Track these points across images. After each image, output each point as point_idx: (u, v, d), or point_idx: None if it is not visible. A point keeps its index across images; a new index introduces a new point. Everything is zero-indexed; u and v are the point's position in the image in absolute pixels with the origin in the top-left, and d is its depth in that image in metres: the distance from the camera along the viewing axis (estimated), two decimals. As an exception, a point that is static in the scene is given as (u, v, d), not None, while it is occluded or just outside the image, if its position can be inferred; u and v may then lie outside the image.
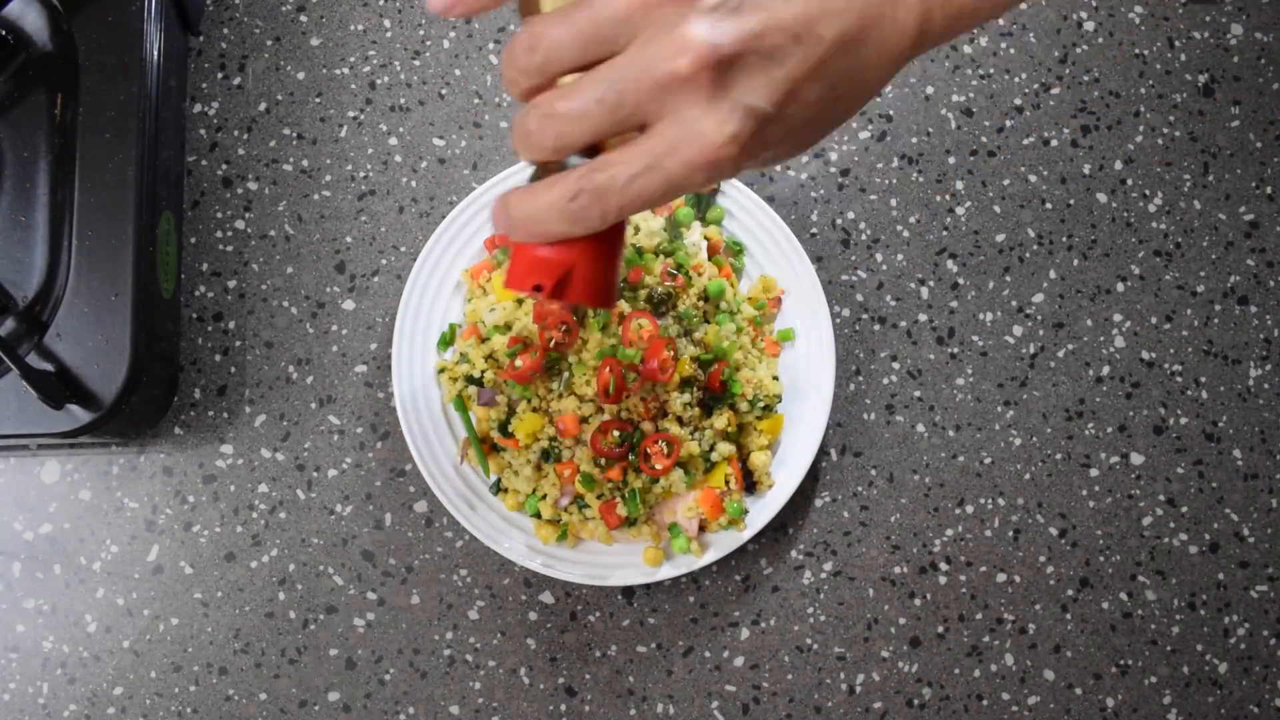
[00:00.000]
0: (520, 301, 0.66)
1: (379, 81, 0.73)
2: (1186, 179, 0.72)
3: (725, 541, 0.66)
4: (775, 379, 0.66)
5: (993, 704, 0.68)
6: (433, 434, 0.67)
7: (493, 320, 0.65)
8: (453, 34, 0.74)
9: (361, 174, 0.72)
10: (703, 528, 0.66)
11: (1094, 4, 0.74)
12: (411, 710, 0.68)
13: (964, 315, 0.71)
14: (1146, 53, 0.74)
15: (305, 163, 0.72)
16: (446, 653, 0.68)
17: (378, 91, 0.73)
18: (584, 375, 0.63)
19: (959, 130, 0.73)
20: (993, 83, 0.73)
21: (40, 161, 0.66)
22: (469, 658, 0.68)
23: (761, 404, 0.65)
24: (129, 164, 0.64)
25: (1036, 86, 0.73)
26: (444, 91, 0.73)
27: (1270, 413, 0.70)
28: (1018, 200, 0.72)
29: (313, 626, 0.68)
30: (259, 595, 0.69)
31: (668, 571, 0.65)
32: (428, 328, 0.68)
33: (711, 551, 0.66)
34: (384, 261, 0.71)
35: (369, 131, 0.73)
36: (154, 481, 0.69)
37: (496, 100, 0.73)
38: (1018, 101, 0.73)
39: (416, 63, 0.73)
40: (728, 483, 0.64)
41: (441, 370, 0.67)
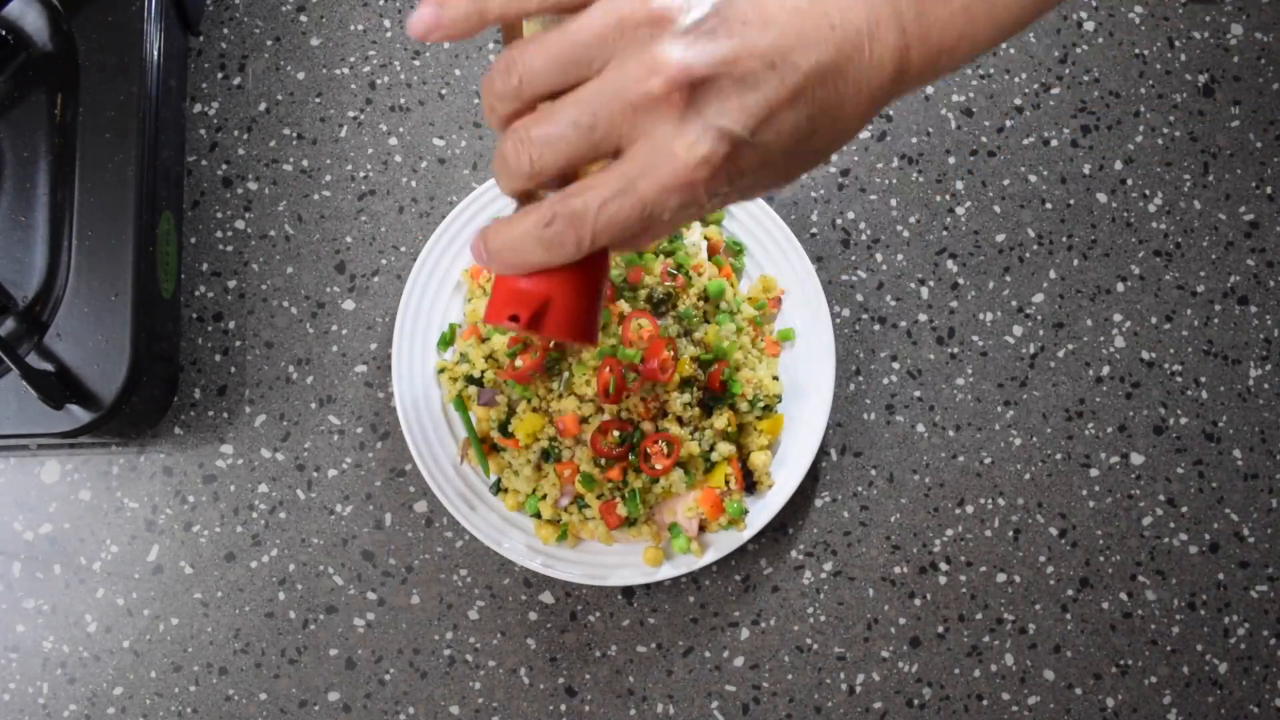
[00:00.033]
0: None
1: (379, 81, 0.73)
2: (1186, 179, 0.72)
3: (725, 541, 0.66)
4: (775, 379, 0.66)
5: (993, 704, 0.68)
6: (433, 434, 0.67)
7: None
8: (453, 34, 0.74)
9: (361, 174, 0.72)
10: (703, 528, 0.66)
11: (1094, 4, 0.74)
12: (411, 710, 0.68)
13: (964, 315, 0.71)
14: (1146, 53, 0.74)
15: (305, 163, 0.72)
16: (446, 653, 0.68)
17: (378, 91, 0.73)
18: (584, 375, 0.63)
19: (959, 130, 0.73)
20: (993, 83, 0.73)
21: (40, 161, 0.66)
22: (469, 658, 0.68)
23: (761, 404, 0.65)
24: (129, 164, 0.64)
25: (1036, 86, 0.73)
26: (444, 91, 0.73)
27: (1270, 413, 0.70)
28: (1018, 200, 0.72)
29: (313, 626, 0.68)
30: (259, 595, 0.69)
31: (668, 571, 0.65)
32: (428, 328, 0.68)
33: (711, 551, 0.66)
34: (384, 261, 0.71)
35: (369, 131, 0.73)
36: (154, 481, 0.69)
37: (496, 100, 0.73)
38: (1018, 101, 0.73)
39: (416, 63, 0.73)
40: (728, 483, 0.65)
41: (441, 370, 0.67)
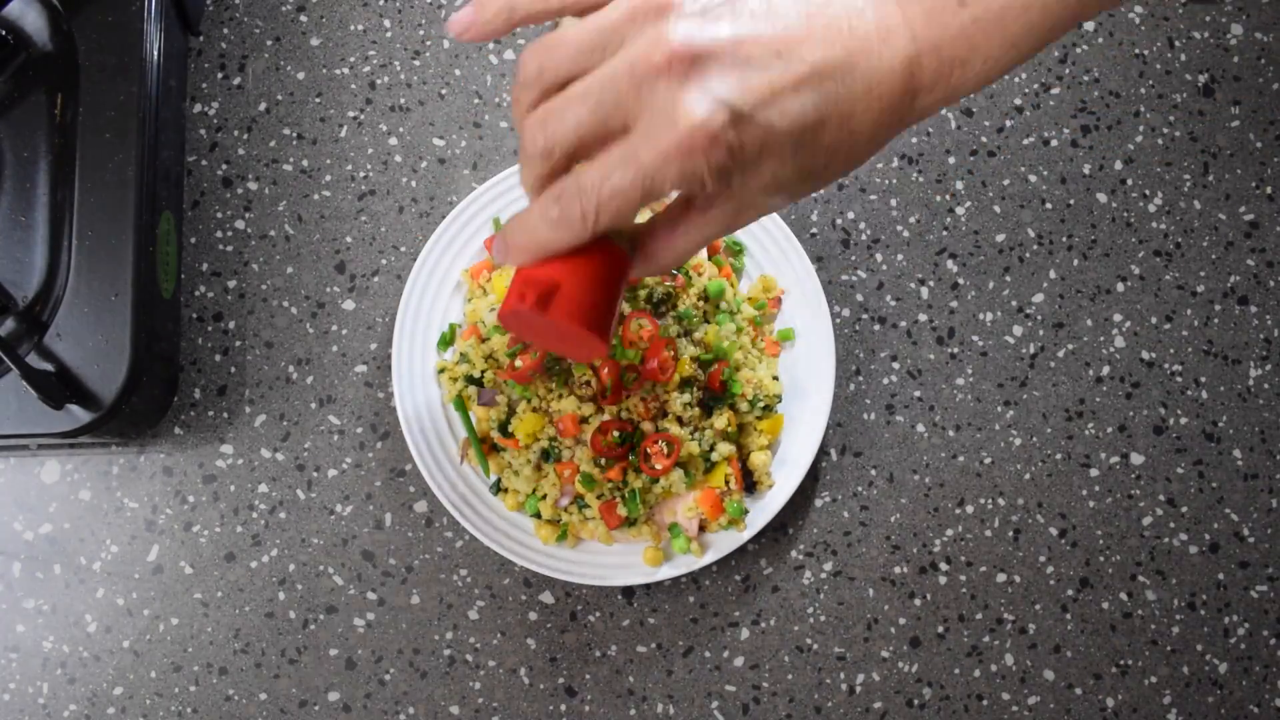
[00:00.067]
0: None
1: (379, 81, 0.73)
2: (1186, 179, 0.72)
3: (725, 541, 0.66)
4: (775, 379, 0.66)
5: (993, 704, 0.68)
6: (433, 434, 0.67)
7: (493, 320, 0.65)
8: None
9: (361, 174, 0.72)
10: (703, 528, 0.66)
11: (1094, 4, 0.74)
12: (411, 710, 0.68)
13: (964, 315, 0.71)
14: (1146, 53, 0.74)
15: (305, 163, 0.72)
16: (446, 653, 0.68)
17: (378, 91, 0.73)
18: (584, 375, 0.63)
19: (959, 130, 0.73)
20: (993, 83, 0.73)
21: (40, 161, 0.66)
22: (469, 658, 0.68)
23: (761, 404, 0.65)
24: (129, 164, 0.64)
25: (1036, 86, 0.73)
26: (444, 91, 0.73)
27: (1270, 413, 0.70)
28: (1018, 200, 0.72)
29: (313, 626, 0.68)
30: (259, 595, 0.69)
31: (668, 571, 0.65)
32: (428, 328, 0.68)
33: (711, 551, 0.66)
34: (384, 261, 0.71)
35: (369, 131, 0.73)
36: (154, 481, 0.69)
37: (496, 100, 0.73)
38: (1018, 101, 0.73)
39: (416, 63, 0.73)
40: (728, 483, 0.64)
41: (441, 370, 0.67)
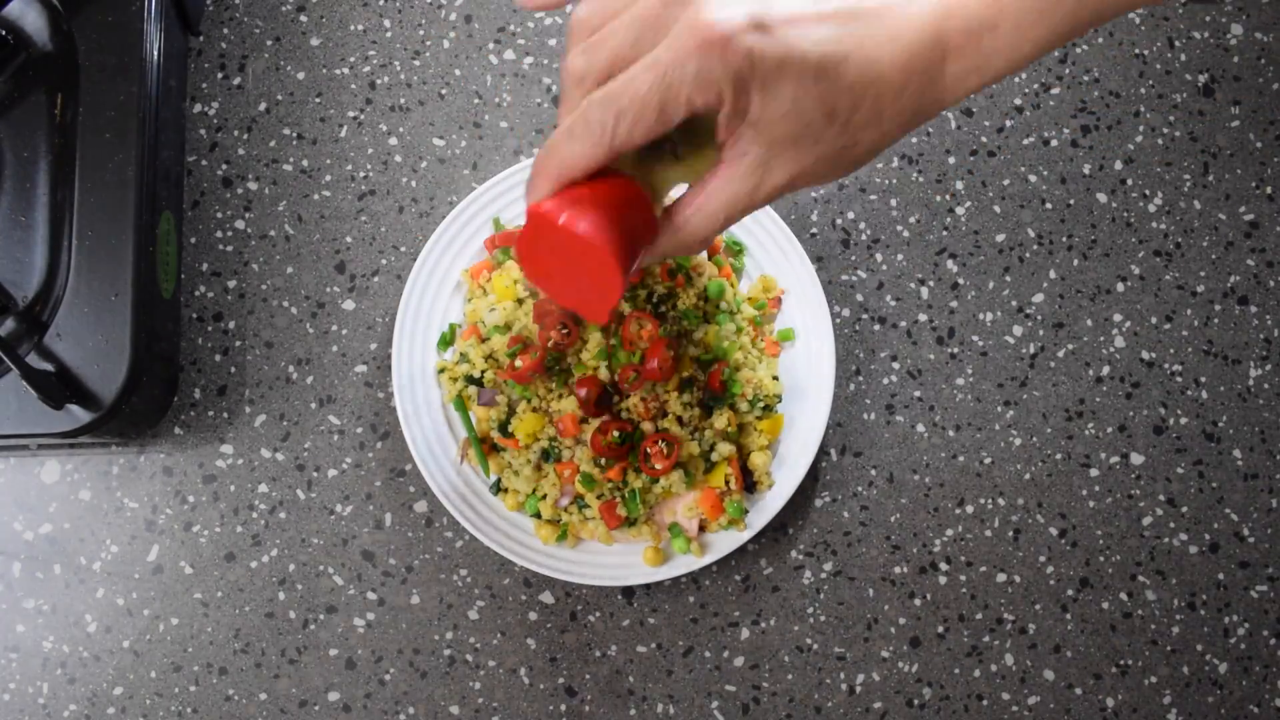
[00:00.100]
0: (520, 301, 0.66)
1: (379, 81, 0.73)
2: (1186, 179, 0.72)
3: (725, 541, 0.66)
4: (775, 379, 0.66)
5: (993, 704, 0.68)
6: (433, 434, 0.67)
7: (493, 320, 0.65)
8: (453, 34, 0.74)
9: (361, 174, 0.72)
10: (703, 528, 0.66)
11: (1094, 4, 0.74)
12: (411, 710, 0.68)
13: (964, 315, 0.71)
14: (1146, 53, 0.73)
15: (305, 163, 0.72)
16: (446, 653, 0.68)
17: (378, 91, 0.73)
18: (584, 375, 0.63)
19: (959, 130, 0.73)
20: (993, 83, 0.73)
21: (40, 161, 0.66)
22: (469, 658, 0.68)
23: (761, 404, 0.65)
24: (129, 164, 0.64)
25: (1036, 86, 0.73)
26: (444, 91, 0.73)
27: (1270, 413, 0.70)
28: (1018, 200, 0.72)
29: (313, 626, 0.68)
30: (259, 595, 0.69)
31: (668, 571, 0.65)
32: (428, 328, 0.68)
33: (711, 551, 0.65)
34: (384, 261, 0.71)
35: (369, 131, 0.73)
36: (154, 481, 0.69)
37: (496, 100, 0.73)
38: (1018, 101, 0.73)
39: (416, 63, 0.73)
40: (728, 483, 0.64)
41: (441, 370, 0.67)
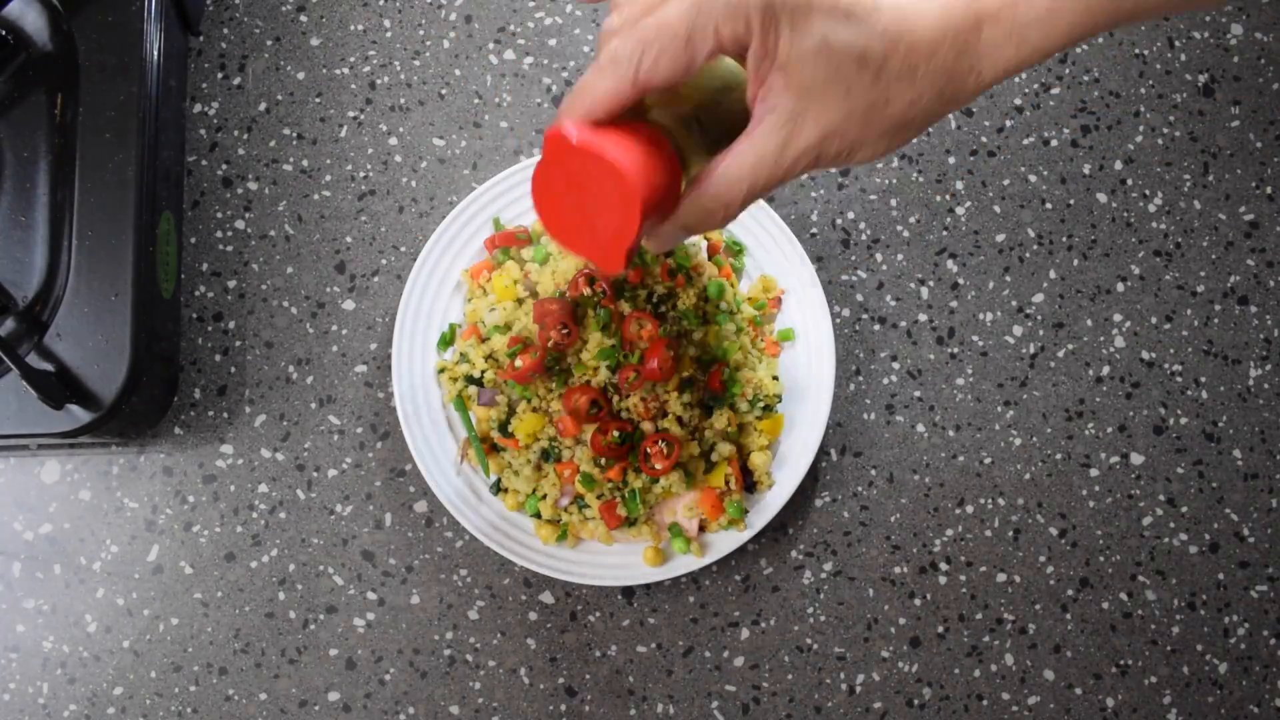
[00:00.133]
0: (520, 301, 0.66)
1: (379, 81, 0.73)
2: (1186, 179, 0.72)
3: (725, 541, 0.66)
4: (775, 379, 0.66)
5: (993, 704, 0.68)
6: (433, 434, 0.67)
7: (493, 320, 0.65)
8: (453, 34, 0.74)
9: (361, 174, 0.72)
10: (703, 528, 0.66)
11: (1094, 4, 0.74)
12: (411, 710, 0.68)
13: (964, 315, 0.71)
14: (1146, 53, 0.73)
15: (305, 163, 0.72)
16: (446, 653, 0.68)
17: (378, 91, 0.73)
18: (584, 375, 0.63)
19: (959, 130, 0.73)
20: (993, 83, 0.73)
21: (40, 161, 0.66)
22: (469, 658, 0.68)
23: (761, 404, 0.65)
24: (129, 164, 0.64)
25: (1036, 86, 0.73)
26: (444, 91, 0.73)
27: (1270, 413, 0.70)
28: (1018, 200, 0.72)
29: (313, 626, 0.68)
30: (259, 595, 0.69)
31: (668, 571, 0.65)
32: (428, 328, 0.68)
33: (711, 551, 0.65)
34: (384, 261, 0.71)
35: (369, 131, 0.73)
36: (154, 481, 0.69)
37: (496, 100, 0.73)
38: (1018, 101, 0.73)
39: (416, 63, 0.73)
40: (728, 483, 0.64)
41: (441, 370, 0.67)
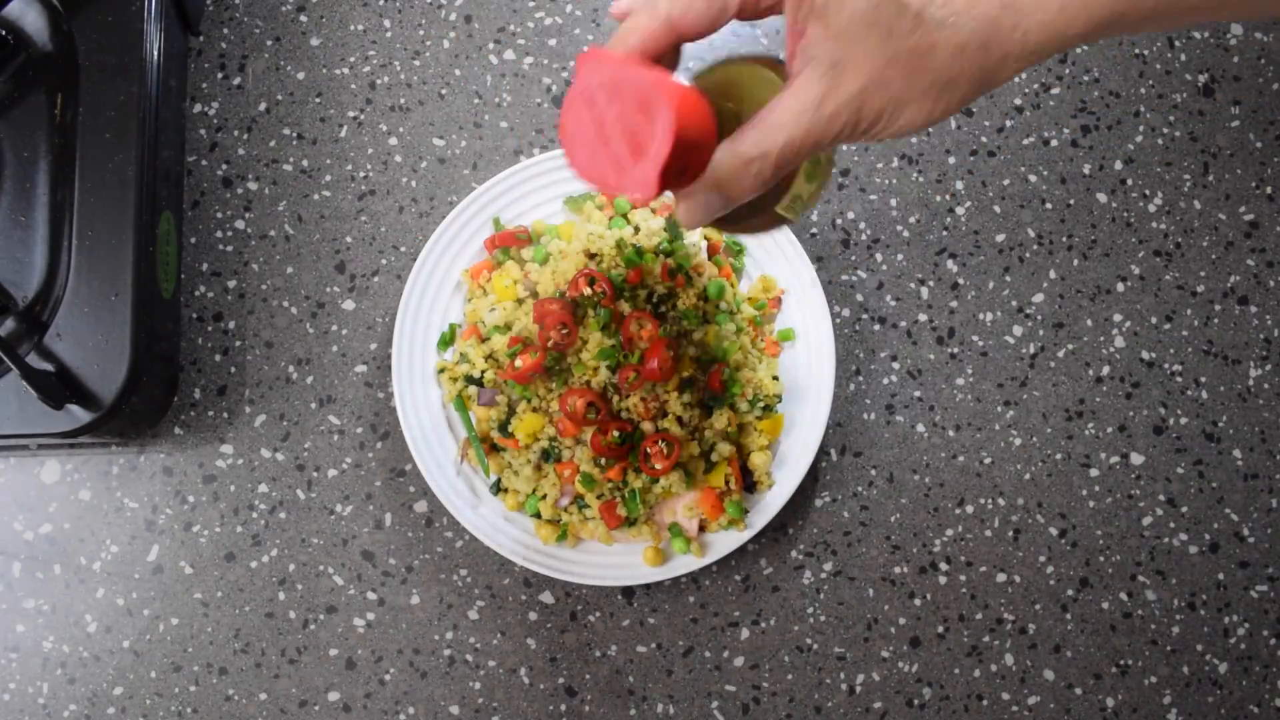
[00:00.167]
0: (520, 301, 0.66)
1: (379, 81, 0.73)
2: (1186, 179, 0.72)
3: (725, 541, 0.66)
4: (775, 379, 0.66)
5: (993, 704, 0.68)
6: (433, 434, 0.67)
7: (493, 320, 0.65)
8: (453, 34, 0.74)
9: (361, 174, 0.72)
10: (703, 528, 0.66)
11: (1094, 4, 0.74)
12: (411, 710, 0.68)
13: (964, 315, 0.71)
14: (1146, 53, 0.73)
15: (305, 163, 0.72)
16: (446, 653, 0.68)
17: (378, 91, 0.73)
18: (584, 375, 0.63)
19: (959, 130, 0.73)
20: (993, 83, 0.73)
21: (40, 161, 0.66)
22: (469, 658, 0.68)
23: (761, 404, 0.65)
24: (129, 164, 0.64)
25: (1036, 86, 0.73)
26: (444, 91, 0.73)
27: (1270, 413, 0.70)
28: (1018, 200, 0.72)
29: (313, 626, 0.68)
30: (259, 595, 0.69)
31: (668, 571, 0.65)
32: (428, 328, 0.68)
33: (711, 551, 0.65)
34: (384, 261, 0.71)
35: (369, 131, 0.73)
36: (154, 481, 0.69)
37: (496, 100, 0.73)
38: (1018, 101, 0.73)
39: (416, 63, 0.73)
40: (728, 483, 0.64)
41: (441, 370, 0.67)
